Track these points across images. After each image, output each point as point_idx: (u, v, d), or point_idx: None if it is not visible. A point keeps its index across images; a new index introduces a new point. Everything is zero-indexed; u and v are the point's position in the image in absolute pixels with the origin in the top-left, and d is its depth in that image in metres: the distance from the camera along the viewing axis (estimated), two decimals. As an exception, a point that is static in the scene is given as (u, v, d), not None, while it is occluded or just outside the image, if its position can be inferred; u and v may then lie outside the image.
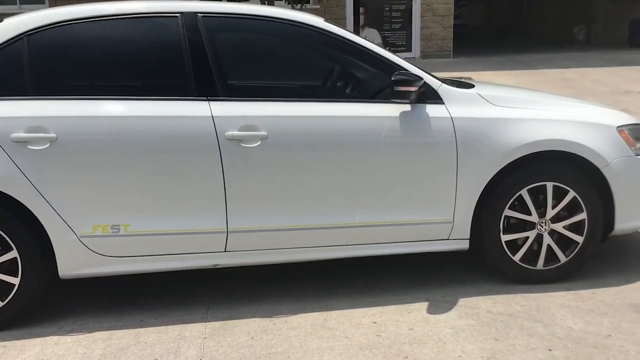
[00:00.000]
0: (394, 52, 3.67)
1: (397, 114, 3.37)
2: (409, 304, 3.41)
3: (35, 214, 3.14)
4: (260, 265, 3.52)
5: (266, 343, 3.05)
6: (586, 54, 15.15)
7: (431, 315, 3.28)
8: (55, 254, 3.19)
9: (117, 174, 3.17)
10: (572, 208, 3.54)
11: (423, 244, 3.53)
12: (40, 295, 3.32)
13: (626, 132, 3.63)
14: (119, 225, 3.21)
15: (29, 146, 3.10)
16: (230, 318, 3.32)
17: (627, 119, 3.79)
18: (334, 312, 3.35)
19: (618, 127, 3.63)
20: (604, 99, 8.89)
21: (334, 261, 3.55)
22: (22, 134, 3.09)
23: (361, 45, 3.47)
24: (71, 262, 3.23)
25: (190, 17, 3.35)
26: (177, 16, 3.35)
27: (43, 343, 3.12)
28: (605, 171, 3.49)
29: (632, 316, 3.22)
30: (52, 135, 3.10)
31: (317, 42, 3.56)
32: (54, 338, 3.16)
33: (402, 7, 15.51)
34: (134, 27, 3.35)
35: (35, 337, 3.18)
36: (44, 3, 14.27)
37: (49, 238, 3.17)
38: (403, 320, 3.24)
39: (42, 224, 3.15)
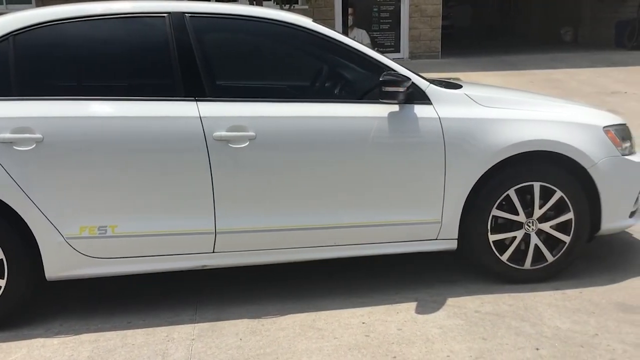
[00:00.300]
0: (382, 52, 3.68)
1: (386, 115, 3.38)
2: (398, 304, 3.41)
3: (22, 215, 3.11)
4: (249, 266, 3.51)
5: (255, 344, 3.05)
6: (573, 54, 15.25)
7: (419, 315, 3.29)
8: (42, 256, 3.17)
9: (104, 174, 3.15)
10: (559, 208, 3.56)
11: (412, 244, 3.53)
12: (27, 297, 3.29)
13: (612, 132, 3.66)
14: (106, 227, 3.19)
15: (14, 147, 3.07)
16: (218, 319, 3.31)
17: (613, 119, 3.82)
18: (322, 312, 3.34)
19: (604, 127, 3.65)
20: (590, 100, 8.95)
21: (323, 262, 3.55)
22: (7, 135, 3.06)
23: (349, 46, 3.47)
24: (58, 264, 3.20)
25: (177, 17, 3.33)
26: (164, 16, 3.33)
27: (29, 345, 3.09)
28: (591, 171, 3.52)
29: (618, 315, 3.24)
30: (38, 136, 3.08)
31: (305, 42, 3.56)
32: (41, 340, 3.14)
33: (391, 7, 15.53)
34: (121, 27, 3.33)
35: (21, 339, 3.15)
36: (30, 3, 14.16)
37: (36, 239, 3.15)
38: (392, 320, 3.24)
39: (28, 226, 3.13)
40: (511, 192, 3.49)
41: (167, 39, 3.29)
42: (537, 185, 3.50)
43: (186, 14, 3.35)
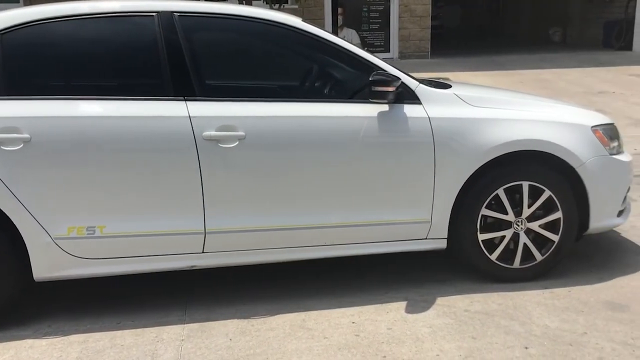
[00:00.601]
0: (372, 52, 3.68)
1: (375, 114, 3.38)
2: (388, 304, 3.42)
3: (9, 216, 3.08)
4: (239, 266, 3.50)
5: (244, 344, 3.04)
6: (561, 55, 15.33)
7: (409, 315, 3.29)
8: (30, 256, 3.15)
9: (92, 174, 3.13)
10: (548, 207, 3.58)
11: (401, 244, 3.54)
12: (15, 298, 3.27)
13: (600, 131, 3.68)
14: (94, 227, 3.18)
15: (2, 147, 3.04)
16: (208, 320, 3.30)
17: (601, 119, 3.84)
18: (312, 312, 3.34)
19: (592, 126, 3.67)
20: (578, 99, 9.00)
21: (313, 261, 3.54)
22: (-5, 135, 3.04)
23: (339, 46, 3.47)
24: (46, 265, 3.18)
25: (166, 17, 3.32)
26: (153, 15, 3.32)
27: (17, 346, 3.07)
28: (580, 170, 3.54)
29: (606, 314, 3.26)
30: (26, 135, 3.06)
31: (295, 42, 3.55)
32: (29, 341, 3.12)
33: (380, 7, 15.56)
34: (109, 26, 3.31)
35: (9, 340, 3.13)
36: (18, 2, 14.06)
37: (23, 240, 3.13)
38: (381, 319, 3.25)
39: (16, 226, 3.10)
40: (500, 192, 3.50)
41: (156, 39, 3.27)
42: (525, 185, 3.52)
43: (175, 13, 3.34)
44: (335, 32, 11.42)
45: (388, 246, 3.53)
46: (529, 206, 3.55)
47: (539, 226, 3.60)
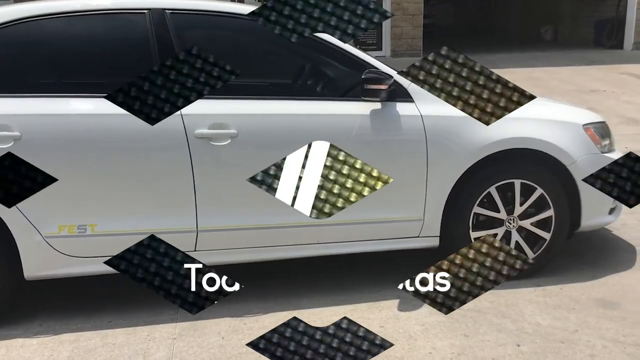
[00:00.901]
0: (364, 50, 3.67)
1: (368, 112, 3.37)
2: (380, 302, 3.42)
3: (-1, 215, 3.07)
4: (231, 265, 3.49)
5: (237, 343, 3.03)
6: (553, 53, 15.38)
7: (402, 313, 3.29)
8: (20, 255, 3.13)
9: (83, 172, 3.11)
10: (540, 205, 3.59)
11: (394, 242, 3.54)
12: (7, 298, 3.25)
13: (592, 130, 3.69)
14: (85, 225, 3.16)
15: (-8, 145, 3.03)
16: (200, 318, 3.28)
17: (593, 117, 3.86)
18: (305, 310, 3.34)
19: (584, 125, 3.68)
20: (570, 98, 9.03)
21: (305, 260, 3.54)
22: (-15, 133, 3.01)
23: (332, 44, 3.46)
24: (37, 263, 3.16)
25: (158, 14, 3.30)
26: (144, 12, 3.30)
27: (8, 346, 3.05)
28: (571, 168, 3.55)
29: (598, 311, 3.27)
30: (17, 133, 3.03)
31: (288, 40, 3.53)
32: (20, 340, 3.10)
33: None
34: (100, 23, 3.30)
35: (0, 339, 3.11)
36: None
37: (14, 238, 3.10)
38: (374, 317, 3.24)
39: (6, 224, 3.08)
40: (492, 190, 3.51)
41: (147, 36, 3.26)
42: (517, 183, 3.53)
43: (167, 11, 3.32)
44: (327, 30, 11.39)
45: (381, 244, 3.53)
46: (521, 204, 3.56)
47: (531, 224, 3.61)
